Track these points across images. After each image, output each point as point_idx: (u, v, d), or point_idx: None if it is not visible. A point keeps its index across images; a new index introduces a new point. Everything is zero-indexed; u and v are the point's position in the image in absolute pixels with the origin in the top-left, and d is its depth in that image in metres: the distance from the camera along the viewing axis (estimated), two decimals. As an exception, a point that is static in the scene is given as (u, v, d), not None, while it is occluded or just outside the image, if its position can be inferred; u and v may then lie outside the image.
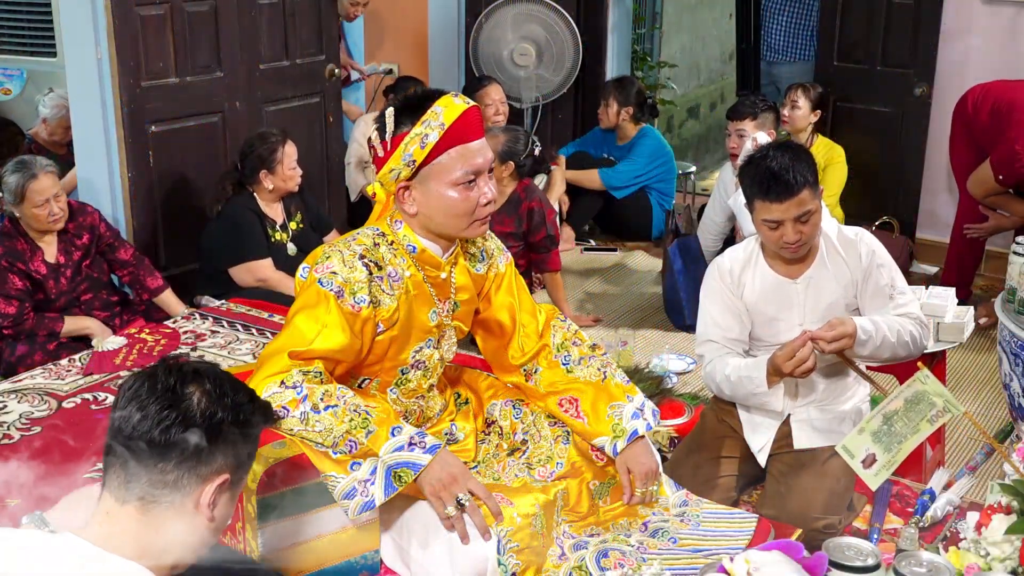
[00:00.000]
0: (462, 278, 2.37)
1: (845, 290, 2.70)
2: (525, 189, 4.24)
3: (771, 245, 2.68)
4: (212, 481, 1.50)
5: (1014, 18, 4.87)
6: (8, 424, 3.06)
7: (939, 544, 2.52)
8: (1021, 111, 4.26)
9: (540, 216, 4.20)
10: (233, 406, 1.52)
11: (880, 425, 2.42)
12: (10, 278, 3.69)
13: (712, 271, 2.79)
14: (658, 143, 5.56)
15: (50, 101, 5.33)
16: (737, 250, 2.80)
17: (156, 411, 1.47)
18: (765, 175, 2.56)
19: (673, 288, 4.52)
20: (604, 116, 5.56)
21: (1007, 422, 3.38)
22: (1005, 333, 3.02)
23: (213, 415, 1.49)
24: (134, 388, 1.50)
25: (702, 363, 2.81)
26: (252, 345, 3.55)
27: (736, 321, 2.74)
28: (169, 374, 1.51)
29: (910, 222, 5.15)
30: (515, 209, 4.20)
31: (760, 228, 2.65)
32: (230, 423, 1.51)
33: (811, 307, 2.71)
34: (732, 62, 7.84)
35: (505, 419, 2.49)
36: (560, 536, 2.26)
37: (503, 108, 5.23)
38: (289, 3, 4.68)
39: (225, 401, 1.51)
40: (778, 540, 1.94)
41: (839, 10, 5.25)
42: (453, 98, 2.19)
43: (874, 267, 2.69)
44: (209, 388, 1.51)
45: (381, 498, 2.06)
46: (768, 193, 2.56)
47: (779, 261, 2.72)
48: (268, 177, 4.09)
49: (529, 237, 4.22)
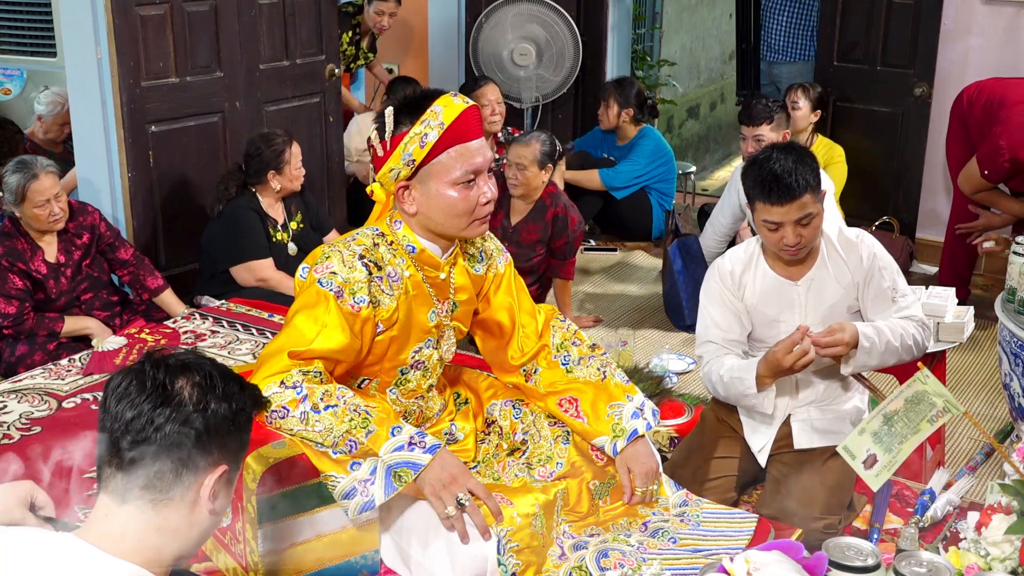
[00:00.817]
0: (461, 278, 2.37)
1: (847, 291, 2.70)
2: (551, 195, 4.26)
3: (771, 246, 2.68)
4: (212, 473, 1.49)
5: (1014, 18, 4.87)
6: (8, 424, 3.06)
7: (939, 544, 2.52)
8: (1008, 107, 4.26)
9: (564, 223, 4.23)
10: (224, 396, 1.51)
11: (880, 425, 2.42)
12: (10, 278, 3.69)
13: (712, 272, 2.79)
14: (658, 143, 5.56)
15: (45, 98, 5.33)
16: (738, 251, 2.80)
17: (149, 409, 1.46)
18: (768, 177, 2.56)
19: (673, 288, 4.52)
20: (604, 117, 5.56)
21: (1007, 422, 3.38)
22: (1005, 333, 3.02)
23: (206, 407, 1.48)
24: (123, 386, 1.48)
25: (701, 364, 2.81)
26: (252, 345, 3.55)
27: (736, 322, 2.74)
28: (157, 369, 1.49)
29: (910, 222, 5.15)
30: (541, 216, 4.23)
31: (760, 228, 2.65)
32: (223, 413, 1.50)
33: (812, 308, 2.71)
34: (732, 62, 7.85)
35: (505, 419, 2.49)
36: (560, 536, 2.26)
37: (500, 108, 5.23)
38: (289, 3, 4.68)
39: (216, 392, 1.50)
40: (778, 540, 1.94)
41: (839, 10, 5.25)
42: (452, 98, 2.19)
43: (876, 270, 2.69)
44: (199, 380, 1.50)
45: (381, 498, 2.06)
46: (769, 195, 2.56)
47: (780, 262, 2.72)
48: (276, 178, 4.10)
49: (550, 242, 4.24)
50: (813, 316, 2.71)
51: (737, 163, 4.97)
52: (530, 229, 4.21)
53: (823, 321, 2.71)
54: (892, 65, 5.13)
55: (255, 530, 2.09)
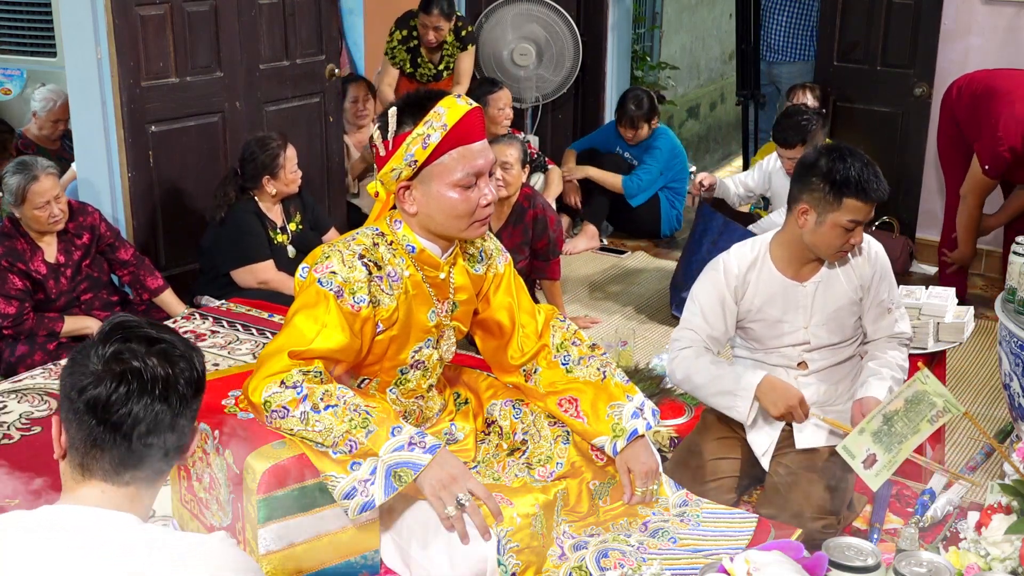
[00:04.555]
0: (461, 278, 2.37)
1: (854, 293, 2.73)
2: (528, 197, 4.24)
3: (827, 249, 2.65)
4: (193, 436, 1.51)
5: (1014, 18, 4.87)
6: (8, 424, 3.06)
7: (939, 544, 2.52)
8: (999, 98, 4.27)
9: (544, 223, 4.21)
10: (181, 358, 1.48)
11: (881, 425, 2.42)
12: (10, 278, 3.69)
13: (717, 268, 2.78)
14: (672, 146, 5.55)
15: (39, 95, 5.33)
16: (744, 250, 2.78)
17: (126, 392, 1.42)
18: (868, 174, 2.57)
19: (687, 251, 4.49)
20: (635, 136, 5.48)
21: (1007, 422, 3.38)
22: (1005, 333, 3.02)
23: (169, 378, 1.45)
24: (86, 367, 1.44)
25: (674, 346, 2.79)
26: (252, 345, 3.55)
27: (722, 323, 2.74)
28: (108, 343, 1.45)
29: (910, 222, 5.16)
30: (521, 219, 4.21)
31: (832, 229, 2.61)
32: (183, 377, 1.47)
33: (819, 310, 2.72)
34: (732, 62, 7.85)
35: (505, 419, 2.49)
36: (560, 536, 2.26)
37: (510, 112, 5.25)
38: (289, 3, 4.68)
39: (173, 357, 1.47)
40: (778, 540, 1.94)
41: (839, 10, 5.25)
42: (456, 99, 2.19)
43: (879, 279, 2.74)
44: (156, 350, 1.46)
45: (381, 498, 2.06)
46: (867, 193, 2.57)
47: (789, 264, 2.72)
48: (271, 182, 4.12)
49: (532, 244, 4.23)
50: (818, 318, 2.72)
51: (737, 163, 4.97)
52: (512, 233, 4.18)
53: (827, 323, 2.72)
54: (892, 65, 5.14)
55: (255, 530, 2.09)
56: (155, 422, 1.44)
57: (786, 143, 4.28)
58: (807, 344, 2.75)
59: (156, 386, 1.44)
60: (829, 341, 2.76)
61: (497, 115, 5.10)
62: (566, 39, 5.76)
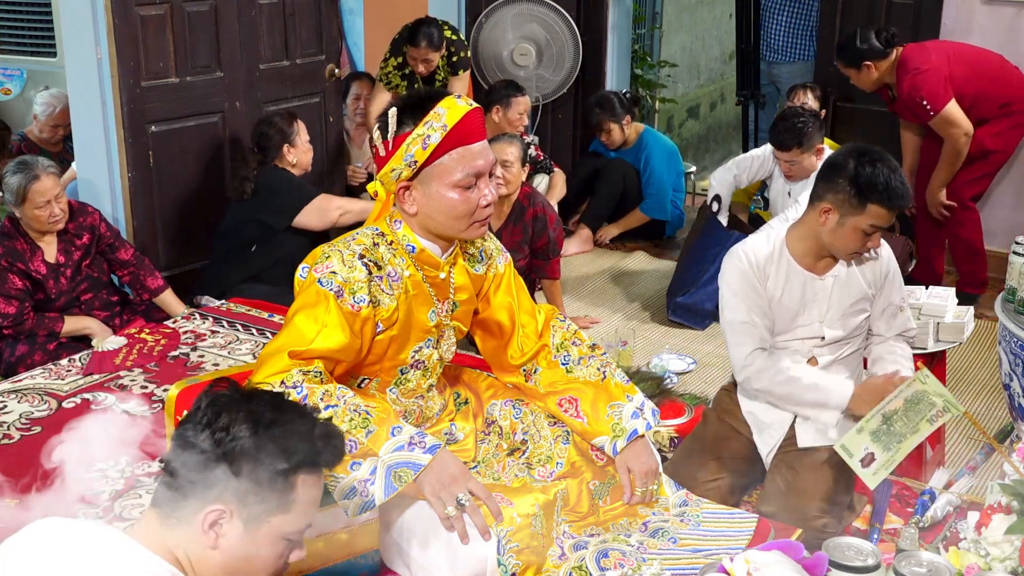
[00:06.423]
0: (461, 278, 2.37)
1: (868, 288, 2.75)
2: (527, 196, 4.24)
3: (846, 249, 2.65)
4: (212, 505, 1.53)
5: (1014, 18, 4.87)
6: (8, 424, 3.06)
7: (939, 544, 2.52)
8: (906, 54, 4.38)
9: (543, 222, 4.21)
10: (263, 438, 1.54)
11: (879, 424, 2.42)
12: (10, 278, 3.69)
13: (739, 261, 2.73)
14: (663, 145, 5.56)
15: (41, 99, 5.33)
16: (759, 241, 2.76)
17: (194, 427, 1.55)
18: (895, 182, 2.55)
19: (689, 257, 4.48)
20: (610, 140, 5.50)
21: (1007, 422, 3.38)
22: (1005, 333, 3.02)
23: (231, 437, 1.52)
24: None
25: (750, 356, 2.71)
26: (252, 345, 3.55)
27: (763, 317, 2.72)
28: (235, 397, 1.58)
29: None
30: (521, 218, 4.21)
31: (852, 232, 2.60)
32: (246, 450, 1.52)
33: (835, 304, 2.72)
34: (732, 62, 7.84)
35: (505, 419, 2.49)
36: (560, 536, 2.26)
37: (527, 120, 5.27)
38: (289, 3, 4.69)
39: (256, 430, 1.53)
40: (778, 540, 1.94)
41: (839, 10, 5.25)
42: (456, 99, 2.19)
43: (890, 278, 2.77)
44: (249, 410, 1.55)
45: (381, 498, 2.06)
46: (892, 200, 2.55)
47: (807, 256, 2.71)
48: (291, 151, 4.25)
49: (532, 243, 4.23)
50: (834, 312, 2.72)
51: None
52: (512, 231, 4.18)
53: (842, 317, 2.73)
54: (892, 65, 5.12)
55: (255, 530, 2.09)
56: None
57: (782, 146, 4.27)
58: (820, 339, 2.75)
59: None
60: (839, 336, 2.76)
61: (516, 119, 5.11)
62: (566, 39, 5.76)
